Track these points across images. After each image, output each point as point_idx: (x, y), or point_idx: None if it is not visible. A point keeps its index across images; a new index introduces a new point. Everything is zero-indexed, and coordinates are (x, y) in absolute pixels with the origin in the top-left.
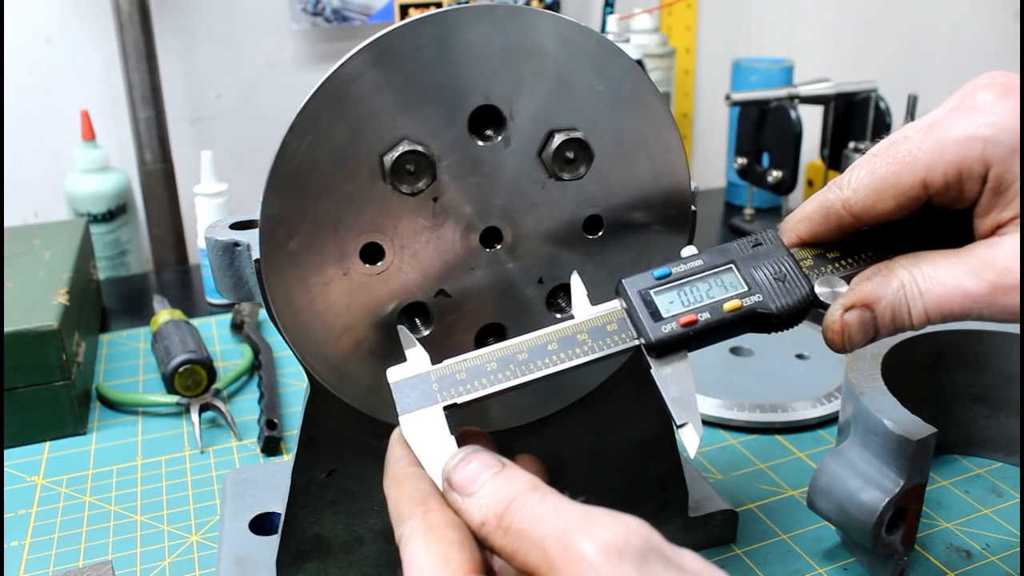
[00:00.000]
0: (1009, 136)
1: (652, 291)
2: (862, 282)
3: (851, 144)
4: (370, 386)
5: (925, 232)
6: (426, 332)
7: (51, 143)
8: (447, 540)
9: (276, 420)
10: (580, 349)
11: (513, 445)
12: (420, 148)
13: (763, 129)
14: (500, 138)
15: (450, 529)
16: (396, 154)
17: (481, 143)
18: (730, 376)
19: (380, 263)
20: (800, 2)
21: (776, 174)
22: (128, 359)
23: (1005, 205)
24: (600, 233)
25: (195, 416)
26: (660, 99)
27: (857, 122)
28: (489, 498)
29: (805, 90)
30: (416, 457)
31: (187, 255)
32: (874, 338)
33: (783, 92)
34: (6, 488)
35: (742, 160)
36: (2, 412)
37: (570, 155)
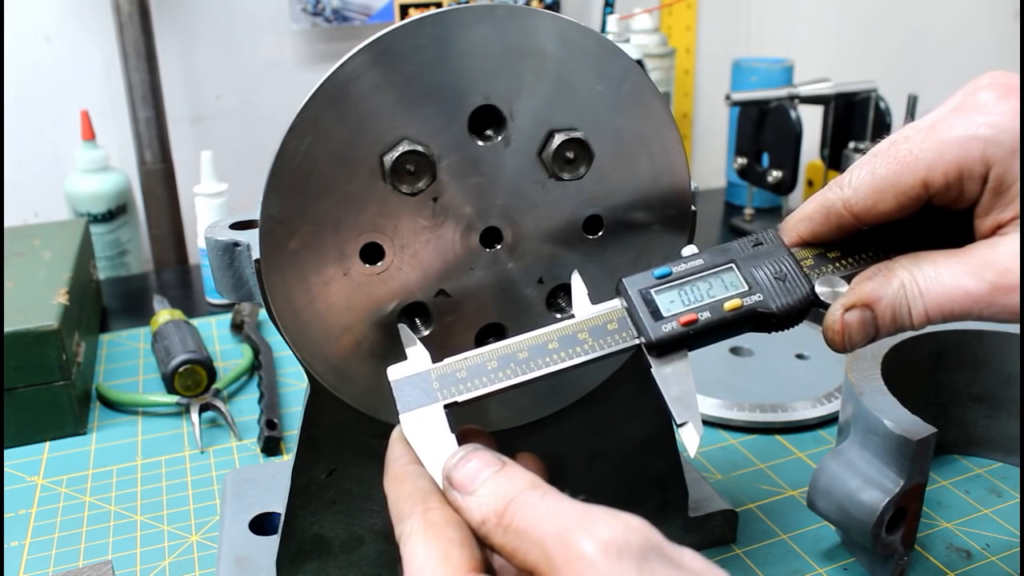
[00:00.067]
0: (1010, 136)
1: (653, 290)
2: (862, 282)
3: (851, 144)
4: (370, 386)
5: (926, 232)
6: (426, 332)
7: (51, 143)
8: (447, 538)
9: (276, 420)
10: (581, 348)
11: (513, 445)
12: (420, 148)
13: (763, 129)
14: (500, 138)
15: (450, 527)
16: (396, 154)
17: (481, 143)
18: (730, 376)
19: (380, 263)
20: (800, 2)
21: (776, 174)
22: (128, 359)
23: (1006, 205)
24: (600, 233)
25: (195, 416)
26: (660, 99)
27: (857, 122)
28: (489, 496)
29: (805, 90)
30: (416, 455)
31: (187, 255)
32: (874, 338)
33: (783, 92)
34: (6, 488)
35: (742, 160)
36: (2, 412)
37: (570, 155)
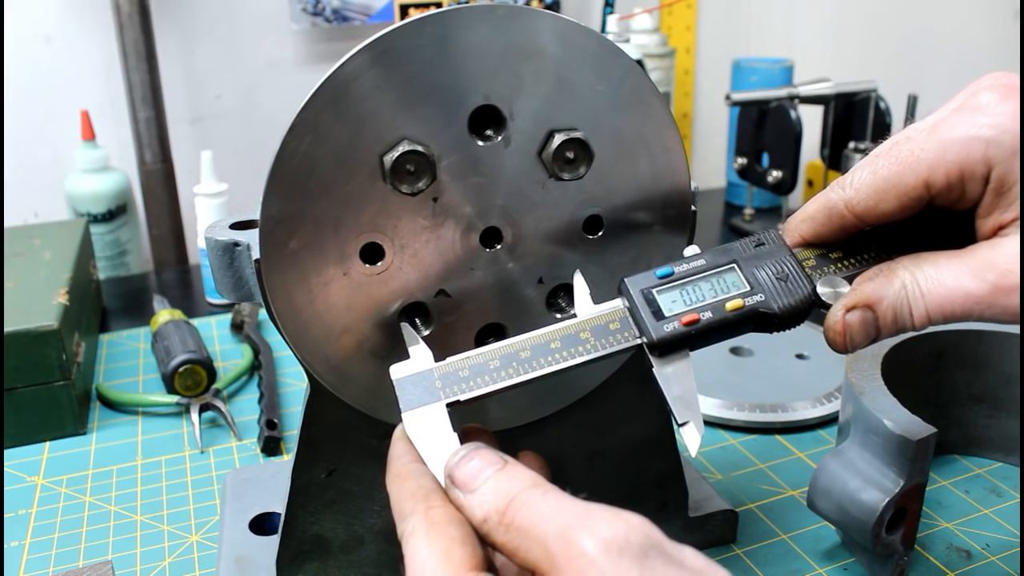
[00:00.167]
0: (1011, 137)
1: (654, 290)
2: (864, 282)
3: (851, 144)
4: (370, 386)
5: (927, 233)
6: (426, 332)
7: (51, 143)
8: (449, 537)
9: (276, 420)
10: (583, 347)
11: (513, 445)
12: (420, 148)
13: (763, 129)
14: (500, 138)
15: (452, 526)
16: (396, 154)
17: (481, 143)
18: (730, 376)
19: (380, 263)
20: (800, 2)
21: (776, 174)
22: (128, 359)
23: (1007, 206)
24: (600, 233)
25: (195, 416)
26: (660, 99)
27: (857, 122)
28: (491, 495)
29: (805, 90)
30: (418, 454)
31: (187, 255)
32: (876, 339)
33: (783, 92)
34: (6, 488)
35: (742, 160)
36: (2, 412)
37: (570, 155)
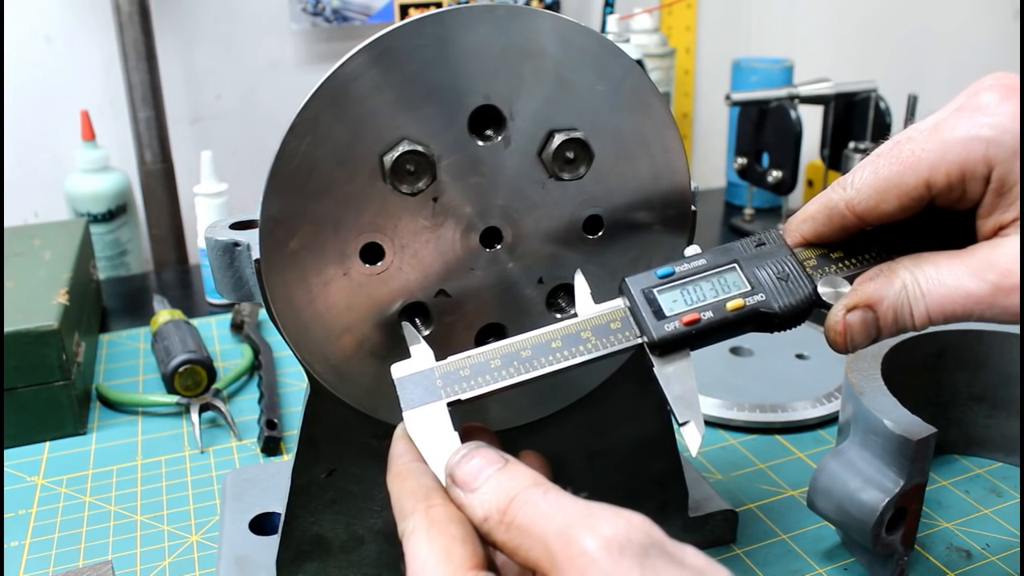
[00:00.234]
0: (1012, 137)
1: (655, 290)
2: (864, 283)
3: (851, 144)
4: (370, 386)
5: (928, 233)
6: (426, 332)
7: (51, 143)
8: (450, 535)
9: (276, 420)
10: (584, 347)
11: (513, 445)
12: (420, 148)
13: (763, 129)
14: (500, 138)
15: (453, 525)
16: (396, 154)
17: (481, 143)
18: (730, 376)
19: (380, 263)
20: (800, 2)
21: (776, 174)
22: (128, 359)
23: (1007, 206)
24: (600, 233)
25: (195, 416)
26: (660, 99)
27: (857, 122)
28: (492, 494)
29: (805, 90)
30: (419, 453)
31: (187, 255)
32: (876, 339)
33: (783, 92)
34: (6, 488)
35: (742, 160)
36: (2, 412)
37: (570, 155)
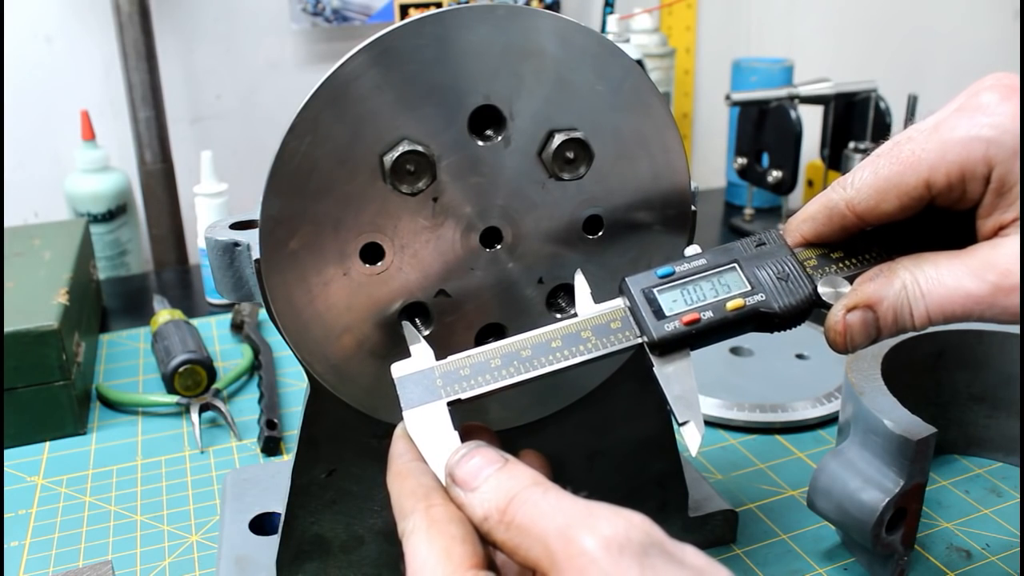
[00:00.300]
0: (1012, 137)
1: (655, 289)
2: (864, 283)
3: (851, 144)
4: (370, 386)
5: (928, 233)
6: (426, 332)
7: (51, 143)
8: (449, 535)
9: (276, 420)
10: (584, 346)
11: (513, 445)
12: (420, 148)
13: (763, 129)
14: (500, 138)
15: (453, 524)
16: (396, 154)
17: (481, 143)
18: (730, 376)
19: (380, 263)
20: (800, 2)
21: (776, 174)
22: (128, 359)
23: (1007, 206)
24: (600, 233)
25: (195, 416)
26: (660, 99)
27: (857, 122)
28: (492, 493)
29: (805, 90)
30: (419, 452)
31: (187, 255)
32: (876, 339)
33: (783, 92)
34: (6, 488)
35: (742, 160)
36: (2, 412)
37: (570, 155)
